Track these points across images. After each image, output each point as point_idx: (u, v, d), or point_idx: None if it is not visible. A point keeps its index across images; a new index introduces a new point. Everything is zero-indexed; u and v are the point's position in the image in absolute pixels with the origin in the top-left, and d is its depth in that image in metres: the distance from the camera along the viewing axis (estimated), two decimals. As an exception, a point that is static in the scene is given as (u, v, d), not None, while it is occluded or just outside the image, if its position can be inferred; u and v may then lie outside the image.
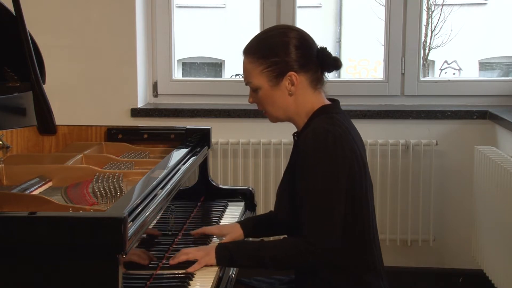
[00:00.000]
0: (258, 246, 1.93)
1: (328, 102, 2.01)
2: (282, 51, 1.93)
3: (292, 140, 2.10)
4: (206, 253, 1.92)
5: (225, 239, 2.10)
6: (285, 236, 2.04)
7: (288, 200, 1.99)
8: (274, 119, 2.03)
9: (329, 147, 1.86)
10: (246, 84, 2.01)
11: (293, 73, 1.93)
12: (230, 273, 2.04)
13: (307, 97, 1.97)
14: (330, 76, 2.10)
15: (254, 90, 1.99)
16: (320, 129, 1.89)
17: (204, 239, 2.11)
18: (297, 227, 1.90)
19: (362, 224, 1.96)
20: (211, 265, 1.90)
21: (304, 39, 1.97)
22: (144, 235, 1.77)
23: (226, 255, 1.91)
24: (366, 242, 1.97)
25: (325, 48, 1.99)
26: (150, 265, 1.84)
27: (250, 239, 2.24)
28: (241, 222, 2.20)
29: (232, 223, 2.23)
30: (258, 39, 2.01)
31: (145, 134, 2.67)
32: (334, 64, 1.99)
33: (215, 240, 2.12)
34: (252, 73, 1.96)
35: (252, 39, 2.02)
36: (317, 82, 1.99)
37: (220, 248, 1.92)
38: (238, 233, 2.15)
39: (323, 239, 1.85)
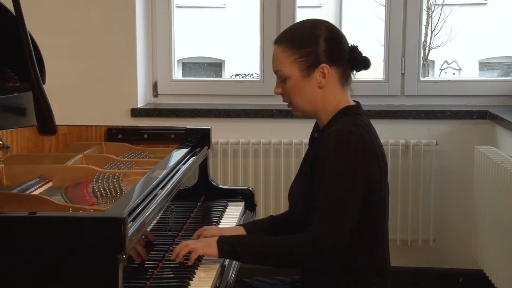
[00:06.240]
0: (261, 241, 1.90)
1: (352, 103, 2.00)
2: (316, 42, 1.92)
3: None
4: (207, 244, 1.90)
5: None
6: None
7: (305, 200, 1.94)
8: (300, 111, 2.00)
9: (350, 148, 1.84)
10: (275, 73, 1.98)
11: (325, 65, 1.92)
12: (230, 273, 2.03)
13: (335, 93, 1.96)
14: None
15: (283, 80, 1.96)
16: (343, 131, 1.87)
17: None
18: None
19: (378, 227, 1.94)
20: (212, 256, 1.90)
21: (336, 34, 1.97)
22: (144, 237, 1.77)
23: (229, 249, 1.89)
24: (378, 245, 1.96)
25: (357, 46, 1.98)
26: (150, 265, 1.84)
27: None
28: (244, 225, 2.14)
29: (234, 226, 2.19)
30: (291, 29, 2.00)
31: (145, 134, 2.67)
32: (364, 62, 1.98)
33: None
34: (284, 62, 1.94)
35: (285, 30, 2.01)
36: (346, 79, 1.98)
37: (222, 242, 1.90)
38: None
39: (331, 238, 1.82)
